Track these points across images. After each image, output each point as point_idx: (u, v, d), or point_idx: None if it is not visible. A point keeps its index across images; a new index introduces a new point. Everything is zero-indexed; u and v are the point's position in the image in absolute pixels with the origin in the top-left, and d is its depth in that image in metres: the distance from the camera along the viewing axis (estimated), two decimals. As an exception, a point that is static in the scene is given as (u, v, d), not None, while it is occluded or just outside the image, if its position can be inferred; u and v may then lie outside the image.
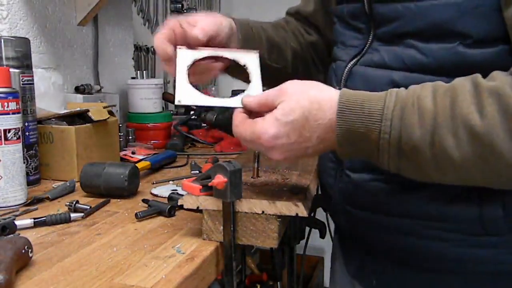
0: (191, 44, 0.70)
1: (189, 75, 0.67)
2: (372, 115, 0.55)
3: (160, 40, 0.69)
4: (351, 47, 0.74)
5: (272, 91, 0.60)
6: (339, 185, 0.74)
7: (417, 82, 0.57)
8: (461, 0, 0.59)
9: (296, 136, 0.57)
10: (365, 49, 0.71)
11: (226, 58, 0.73)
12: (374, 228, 0.70)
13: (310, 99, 0.57)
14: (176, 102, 0.63)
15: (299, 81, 0.60)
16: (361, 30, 0.72)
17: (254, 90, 0.68)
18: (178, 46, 0.69)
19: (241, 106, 0.63)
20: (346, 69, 0.73)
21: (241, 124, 0.61)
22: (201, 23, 0.71)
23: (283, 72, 0.89)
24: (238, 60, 0.72)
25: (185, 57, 0.69)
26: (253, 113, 0.62)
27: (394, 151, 0.55)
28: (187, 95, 0.65)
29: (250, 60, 0.72)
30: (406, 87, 0.58)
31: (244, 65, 0.71)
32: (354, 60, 0.72)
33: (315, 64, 0.95)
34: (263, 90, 0.69)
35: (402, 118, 0.54)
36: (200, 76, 0.74)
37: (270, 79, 0.88)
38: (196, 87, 0.66)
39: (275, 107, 0.58)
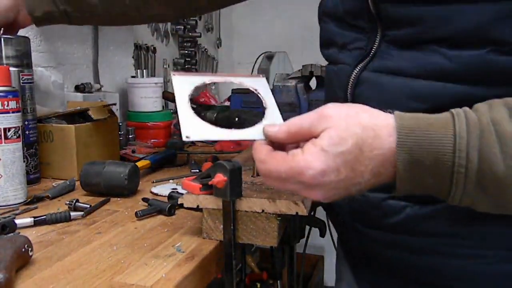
0: None
1: (191, 104, 0.59)
2: (442, 145, 0.46)
3: None
4: (356, 49, 0.65)
5: (307, 117, 0.49)
6: (349, 203, 0.69)
7: (442, 93, 0.53)
8: (497, 5, 0.51)
9: (347, 170, 0.47)
10: (372, 51, 0.62)
11: None
12: (388, 247, 0.65)
13: (362, 125, 0.47)
14: (184, 138, 0.54)
15: (340, 104, 0.51)
16: (364, 29, 0.64)
17: (273, 118, 0.59)
18: (172, 72, 0.63)
19: (263, 138, 0.53)
20: (353, 75, 0.64)
21: (270, 158, 0.50)
22: None
23: (93, 14, 1.00)
24: (246, 85, 0.64)
25: (183, 84, 0.61)
26: (276, 145, 0.52)
27: (471, 186, 0.46)
28: (195, 128, 0.56)
29: (260, 84, 0.65)
30: (430, 99, 0.54)
31: (256, 90, 0.64)
32: (361, 65, 0.63)
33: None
34: None
35: (480, 148, 0.45)
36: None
37: (81, 22, 1.05)
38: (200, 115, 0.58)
39: (316, 136, 0.48)
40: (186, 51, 2.16)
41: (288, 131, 0.50)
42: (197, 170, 1.08)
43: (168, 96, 1.73)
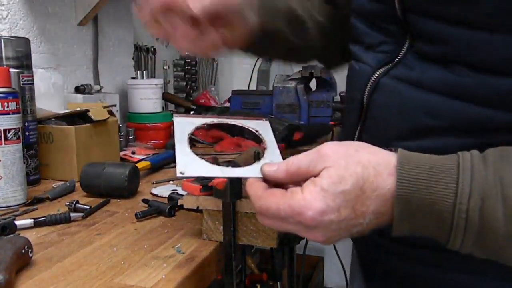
0: (180, 20, 0.58)
1: (190, 142, 0.58)
2: (442, 203, 0.45)
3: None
4: (381, 52, 0.62)
5: (305, 157, 0.48)
6: None
7: (461, 112, 0.51)
8: None
9: (348, 211, 0.46)
10: (398, 58, 0.59)
11: None
12: (392, 255, 0.64)
13: (362, 163, 0.46)
14: (178, 175, 0.53)
15: (339, 142, 0.49)
16: (391, 33, 0.60)
17: (272, 157, 0.58)
18: (174, 115, 0.62)
19: (260, 176, 0.51)
20: (372, 79, 0.61)
21: (269, 195, 0.48)
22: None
23: (309, 50, 0.77)
24: (248, 126, 0.63)
25: (184, 125, 0.61)
26: (271, 184, 0.50)
27: (469, 243, 0.45)
28: (190, 165, 0.55)
29: (261, 126, 0.64)
30: (447, 117, 0.53)
31: (257, 131, 0.63)
32: (383, 69, 0.60)
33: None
34: None
35: (481, 209, 0.44)
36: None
37: (296, 57, 0.82)
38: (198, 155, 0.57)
39: (315, 175, 0.47)
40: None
41: (287, 170, 0.49)
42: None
43: (168, 98, 1.73)
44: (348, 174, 0.46)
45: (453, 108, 0.53)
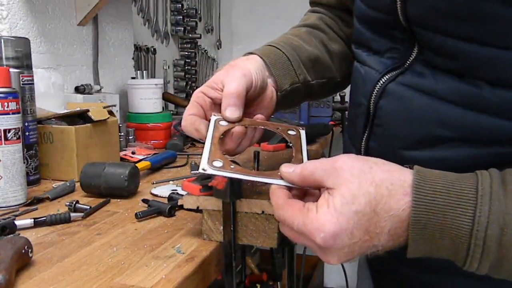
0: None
1: (220, 141, 0.60)
2: (458, 229, 0.44)
3: (189, 122, 0.62)
4: (389, 58, 0.60)
5: (321, 165, 0.48)
6: None
7: (472, 123, 0.51)
8: None
9: (361, 233, 0.45)
10: (406, 65, 0.58)
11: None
12: (405, 263, 0.62)
13: (375, 183, 0.45)
14: (200, 170, 0.55)
15: (355, 157, 0.48)
16: (399, 39, 0.58)
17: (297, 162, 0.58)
18: (213, 113, 0.64)
19: (282, 183, 0.52)
20: (379, 85, 0.60)
21: (287, 206, 0.49)
22: (228, 90, 0.61)
23: (332, 82, 0.79)
24: (283, 135, 0.65)
25: (220, 123, 0.62)
26: (293, 192, 0.52)
27: (485, 267, 0.45)
28: (214, 163, 0.56)
29: (297, 135, 0.65)
30: (457, 127, 0.52)
31: (290, 143, 0.64)
32: (390, 75, 0.59)
33: None
34: None
35: (500, 239, 0.43)
36: (234, 145, 0.64)
37: (321, 94, 0.82)
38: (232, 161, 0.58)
39: (327, 187, 0.47)
40: (186, 52, 2.16)
41: (301, 174, 0.50)
42: (197, 171, 1.08)
43: (168, 98, 1.73)
44: (360, 193, 0.45)
45: (467, 118, 0.52)
